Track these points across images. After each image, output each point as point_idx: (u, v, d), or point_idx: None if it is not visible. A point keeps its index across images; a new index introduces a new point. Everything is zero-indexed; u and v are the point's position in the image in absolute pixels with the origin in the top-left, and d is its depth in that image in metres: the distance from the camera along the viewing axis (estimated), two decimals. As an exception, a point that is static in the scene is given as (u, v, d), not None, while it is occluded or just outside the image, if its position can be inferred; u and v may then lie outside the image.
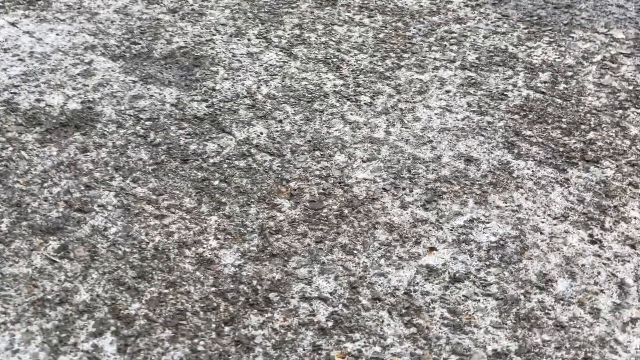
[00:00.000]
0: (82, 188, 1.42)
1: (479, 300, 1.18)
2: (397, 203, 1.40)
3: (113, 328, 1.12)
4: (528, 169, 1.51)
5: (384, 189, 1.44)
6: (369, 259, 1.27)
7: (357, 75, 1.85)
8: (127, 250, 1.27)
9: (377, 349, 1.09)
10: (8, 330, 1.11)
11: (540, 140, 1.61)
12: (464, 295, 1.19)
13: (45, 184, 1.43)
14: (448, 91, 1.79)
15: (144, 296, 1.17)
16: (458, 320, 1.15)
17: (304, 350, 1.09)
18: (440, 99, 1.75)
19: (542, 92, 1.79)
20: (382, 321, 1.14)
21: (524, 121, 1.67)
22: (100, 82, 1.78)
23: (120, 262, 1.24)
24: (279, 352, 1.08)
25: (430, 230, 1.34)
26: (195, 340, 1.10)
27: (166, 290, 1.19)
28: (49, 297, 1.17)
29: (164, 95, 1.74)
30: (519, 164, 1.52)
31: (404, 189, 1.44)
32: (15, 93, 1.73)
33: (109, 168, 1.48)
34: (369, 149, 1.56)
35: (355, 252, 1.28)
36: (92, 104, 1.70)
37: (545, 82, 1.83)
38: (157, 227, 1.33)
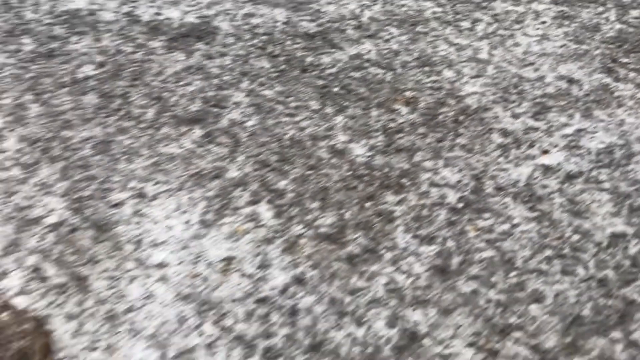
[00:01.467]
0: (215, 88, 1.57)
1: (594, 194, 1.32)
2: (509, 113, 1.53)
3: (267, 198, 1.27)
4: (628, 90, 1.63)
5: (494, 101, 1.57)
6: (488, 157, 1.40)
7: (454, 5, 1.97)
8: (266, 140, 1.42)
9: (506, 226, 1.23)
10: (173, 196, 1.26)
11: (638, 67, 1.72)
12: (580, 189, 1.33)
13: (180, 83, 1.58)
14: (544, 22, 1.90)
15: (289, 176, 1.32)
16: (577, 208, 1.28)
17: (440, 223, 1.23)
18: (537, 29, 1.87)
19: (635, 27, 1.90)
20: (508, 206, 1.28)
21: (620, 50, 1.79)
22: (213, 0, 1.92)
23: (262, 148, 1.39)
24: (418, 223, 1.23)
25: (542, 136, 1.47)
26: (342, 211, 1.24)
27: (309, 172, 1.33)
28: (204, 172, 1.32)
29: (275, 15, 1.88)
30: (618, 86, 1.64)
31: (513, 101, 1.57)
32: (134, 7, 1.88)
33: (235, 73, 1.63)
34: (475, 67, 1.69)
35: (474, 150, 1.42)
36: (208, 19, 1.84)
37: (636, 18, 1.94)
38: (289, 123, 1.47)
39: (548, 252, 1.18)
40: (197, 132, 1.43)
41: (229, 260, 1.14)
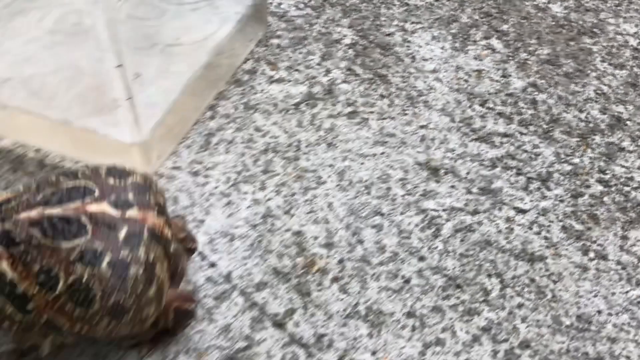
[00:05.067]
0: (434, -38, 2.07)
1: None
2: (669, -11, 2.00)
3: (495, 36, 1.78)
4: None
5: (656, -20, 2.03)
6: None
7: None
8: (484, -2, 1.92)
9: (676, 62, 1.73)
10: (427, 31, 1.78)
11: None
12: None
13: (406, -42, 2.08)
14: None
15: (508, 22, 1.83)
16: None
17: (626, 57, 1.72)
18: None
19: None
20: (675, 50, 1.77)
21: None
22: None
23: (483, 4, 1.90)
24: (610, 56, 1.72)
25: (697, 6, 1.94)
26: (553, 46, 1.75)
27: (522, 21, 1.84)
28: (444, 18, 1.84)
29: None
30: None
31: (672, -19, 2.03)
32: None
33: (446, -48, 2.12)
34: (638, -45, 2.14)
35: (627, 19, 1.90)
36: None
37: None
38: (498, -12, 1.97)
39: None
40: (430, -9, 1.94)
41: (479, 71, 1.67)
